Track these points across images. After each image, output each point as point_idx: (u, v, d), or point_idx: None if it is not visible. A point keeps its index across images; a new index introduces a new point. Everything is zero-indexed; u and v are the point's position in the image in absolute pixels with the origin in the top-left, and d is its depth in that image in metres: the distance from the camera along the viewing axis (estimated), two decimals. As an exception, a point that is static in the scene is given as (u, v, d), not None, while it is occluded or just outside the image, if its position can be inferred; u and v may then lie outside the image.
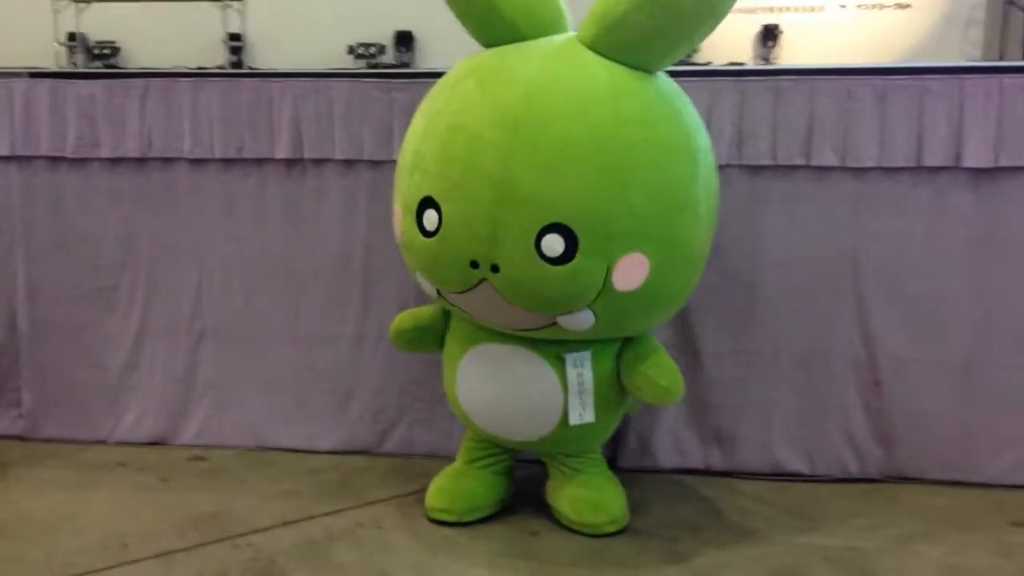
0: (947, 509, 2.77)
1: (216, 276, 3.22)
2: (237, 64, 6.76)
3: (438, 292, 2.29)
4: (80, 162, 3.19)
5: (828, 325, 2.93)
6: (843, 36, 4.77)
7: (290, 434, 3.23)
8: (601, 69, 2.11)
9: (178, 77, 3.11)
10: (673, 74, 2.40)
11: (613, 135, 2.04)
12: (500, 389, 2.46)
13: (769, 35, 4.54)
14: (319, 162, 3.09)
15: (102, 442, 3.28)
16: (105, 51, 7.24)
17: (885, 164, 2.79)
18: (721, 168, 2.75)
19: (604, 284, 2.09)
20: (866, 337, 2.92)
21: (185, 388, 3.28)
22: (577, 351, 2.36)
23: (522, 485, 2.78)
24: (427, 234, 2.16)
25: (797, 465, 2.98)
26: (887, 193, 2.83)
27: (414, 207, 2.19)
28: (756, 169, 2.87)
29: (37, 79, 3.16)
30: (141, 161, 3.17)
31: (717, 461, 3.03)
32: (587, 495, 2.57)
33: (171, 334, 3.26)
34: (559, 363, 2.37)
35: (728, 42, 4.29)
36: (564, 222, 2.02)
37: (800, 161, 2.82)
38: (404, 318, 2.69)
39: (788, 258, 2.90)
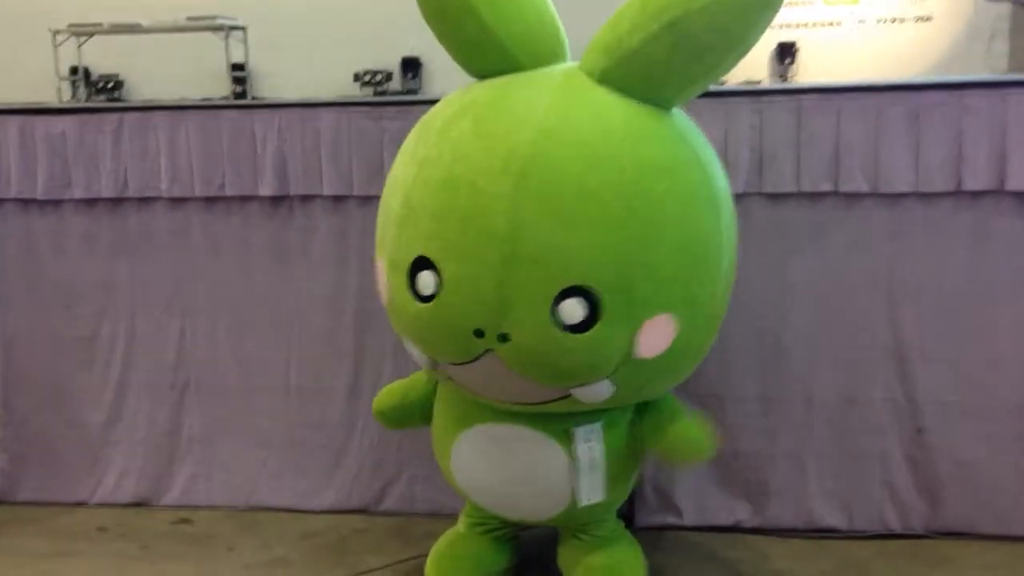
0: (1001, 567, 2.66)
1: (200, 324, 3.19)
2: (241, 95, 6.79)
3: (432, 363, 2.15)
4: (52, 204, 3.17)
5: (863, 367, 2.84)
6: (863, 52, 4.69)
7: (282, 493, 3.18)
8: (615, 108, 1.95)
9: (153, 110, 3.10)
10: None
11: (633, 186, 1.89)
12: (503, 474, 2.34)
13: (786, 52, 4.45)
14: (306, 198, 3.05)
15: (83, 504, 3.25)
16: (108, 84, 7.31)
17: (922, 189, 2.70)
18: (739, 197, 2.69)
19: (627, 352, 1.96)
20: (905, 380, 2.82)
21: (169, 445, 3.25)
22: (587, 424, 2.22)
23: (531, 548, 2.70)
24: (422, 299, 2.00)
25: (834, 520, 2.89)
26: (925, 221, 2.75)
27: (405, 267, 2.01)
28: (778, 197, 2.79)
29: (4, 115, 3.16)
30: (117, 201, 3.14)
31: (746, 517, 2.94)
32: (602, 562, 2.48)
33: (153, 387, 3.23)
34: (567, 439, 2.24)
35: (743, 60, 4.23)
36: (586, 285, 1.87)
37: (827, 187, 2.74)
38: (388, 394, 2.57)
39: (816, 294, 2.82)
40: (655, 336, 1.96)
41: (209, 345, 3.20)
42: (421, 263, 1.98)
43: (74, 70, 7.34)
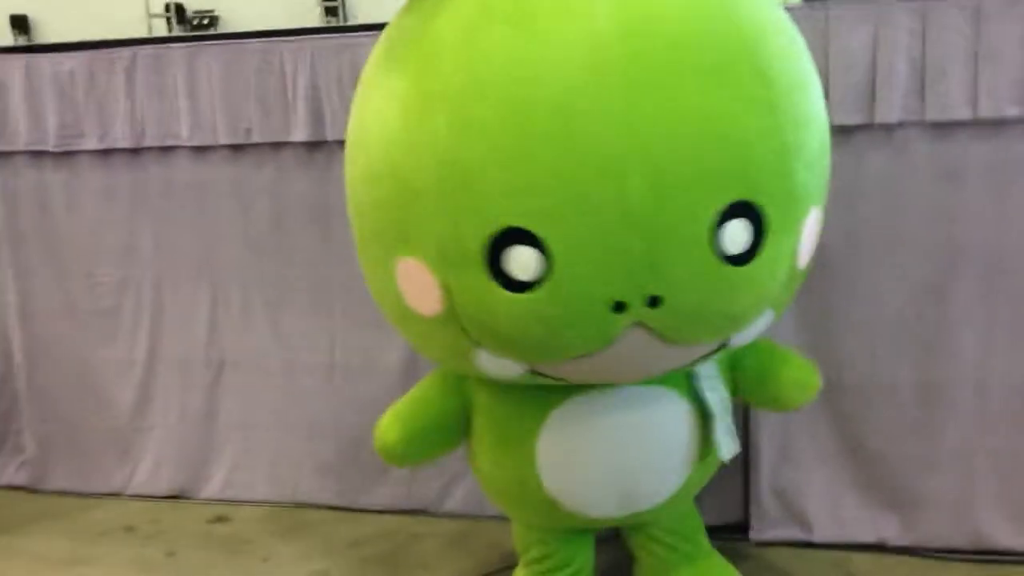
0: None
1: (232, 292, 2.80)
2: (335, 25, 6.43)
3: (530, 369, 1.64)
4: (65, 156, 2.80)
5: (1061, 347, 2.23)
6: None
7: (331, 488, 2.81)
8: None
9: (169, 42, 2.67)
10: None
11: (761, 49, 1.48)
12: (619, 450, 1.86)
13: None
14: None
15: (117, 495, 2.96)
16: (204, 21, 7.05)
17: None
18: (893, 128, 2.20)
19: (792, 266, 1.59)
20: (1115, 364, 2.21)
21: (206, 431, 2.90)
22: (703, 364, 1.82)
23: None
24: (520, 287, 1.48)
25: (1009, 539, 2.32)
26: None
27: (478, 251, 1.46)
28: (947, 127, 2.18)
29: (7, 55, 2.79)
30: (135, 152, 2.75)
31: (894, 533, 2.40)
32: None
33: (185, 365, 2.87)
34: (686, 386, 1.85)
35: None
36: (746, 197, 1.44)
37: (1014, 112, 2.11)
38: (384, 431, 1.98)
39: (994, 253, 2.23)
40: (810, 237, 1.61)
41: (244, 317, 2.81)
42: (509, 238, 1.44)
43: (167, 7, 7.12)
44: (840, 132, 2.17)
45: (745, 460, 2.45)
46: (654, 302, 1.46)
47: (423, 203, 1.48)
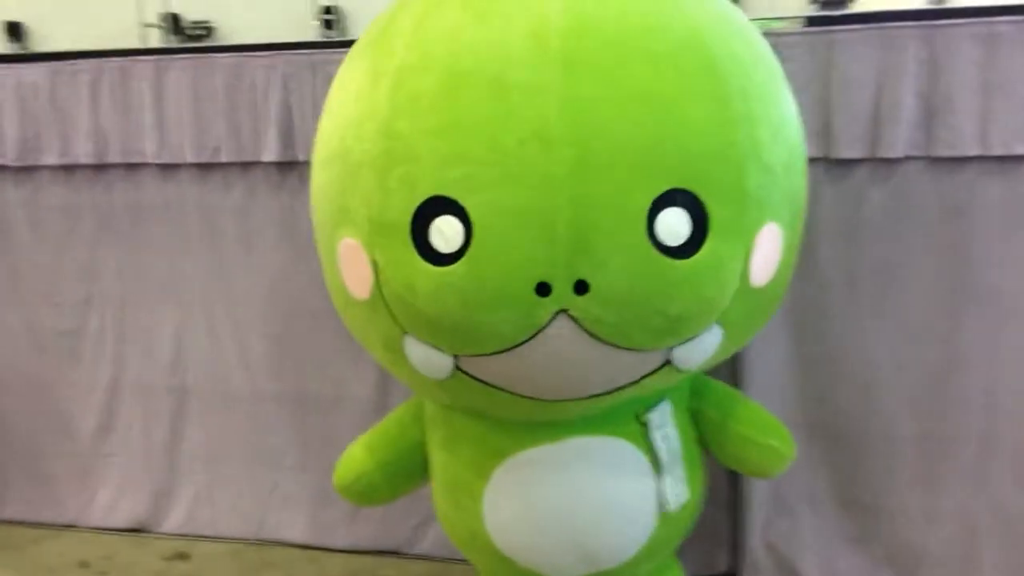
0: None
1: (199, 317, 2.69)
2: (331, 39, 6.41)
3: (455, 365, 1.55)
4: (26, 172, 2.70)
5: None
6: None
7: (298, 525, 2.69)
8: None
9: (136, 55, 2.56)
10: (826, 20, 1.84)
11: (715, 47, 1.46)
12: (571, 509, 1.76)
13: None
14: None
15: (73, 527, 2.84)
16: (199, 32, 6.98)
17: None
18: (897, 162, 2.08)
19: (743, 277, 1.49)
20: None
21: (169, 461, 2.79)
22: (654, 405, 1.74)
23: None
24: (442, 259, 1.42)
25: (1015, 604, 2.20)
26: None
27: (405, 222, 1.42)
28: (954, 163, 2.06)
29: (-31, 64, 2.68)
30: (98, 169, 2.65)
31: (893, 591, 2.28)
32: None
33: (149, 391, 2.76)
34: (639, 436, 1.74)
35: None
36: (685, 186, 1.38)
37: (1025, 150, 2.00)
38: (356, 459, 2.01)
39: (1006, 297, 2.11)
40: (766, 252, 1.52)
41: (210, 343, 2.70)
42: (433, 207, 1.40)
43: (163, 17, 7.11)
44: (840, 166, 2.09)
45: (735, 509, 2.35)
46: (580, 288, 1.38)
47: (363, 176, 1.47)
